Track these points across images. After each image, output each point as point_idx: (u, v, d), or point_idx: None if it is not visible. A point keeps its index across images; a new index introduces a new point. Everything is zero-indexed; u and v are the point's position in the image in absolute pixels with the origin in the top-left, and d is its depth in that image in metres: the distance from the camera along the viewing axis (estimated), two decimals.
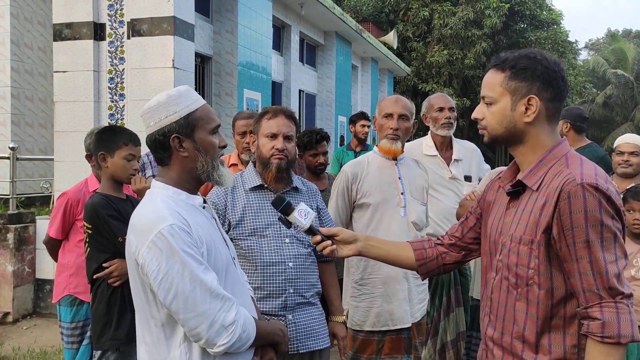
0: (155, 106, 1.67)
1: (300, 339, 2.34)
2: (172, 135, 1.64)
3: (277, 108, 2.49)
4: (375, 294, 2.81)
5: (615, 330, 1.39)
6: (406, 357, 2.86)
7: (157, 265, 1.52)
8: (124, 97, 5.82)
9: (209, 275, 1.56)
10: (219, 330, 1.54)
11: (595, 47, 44.30)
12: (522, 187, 1.59)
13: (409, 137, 2.94)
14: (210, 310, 1.53)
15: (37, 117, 8.93)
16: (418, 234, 2.85)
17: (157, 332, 1.62)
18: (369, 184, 2.86)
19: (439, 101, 3.55)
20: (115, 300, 2.62)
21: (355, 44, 14.85)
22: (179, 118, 1.65)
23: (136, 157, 2.74)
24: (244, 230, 2.35)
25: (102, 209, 2.61)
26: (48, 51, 8.72)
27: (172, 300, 1.52)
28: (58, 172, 5.93)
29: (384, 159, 2.91)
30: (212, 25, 8.79)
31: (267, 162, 2.41)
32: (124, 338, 2.58)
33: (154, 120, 1.66)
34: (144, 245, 1.54)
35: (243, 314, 1.61)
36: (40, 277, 6.04)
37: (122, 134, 2.73)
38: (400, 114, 2.83)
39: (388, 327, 2.82)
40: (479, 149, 3.72)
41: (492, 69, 1.63)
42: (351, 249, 1.89)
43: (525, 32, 22.11)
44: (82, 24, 5.84)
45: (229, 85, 8.77)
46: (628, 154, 3.55)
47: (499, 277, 1.62)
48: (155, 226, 1.53)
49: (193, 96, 1.71)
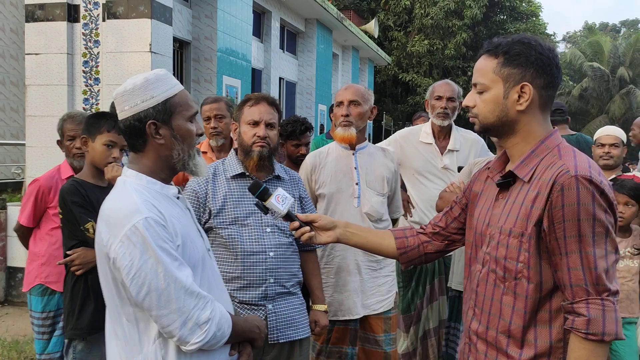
0: (131, 89, 1.58)
1: (280, 329, 2.32)
2: (148, 121, 1.56)
3: (259, 95, 2.44)
4: (328, 284, 2.84)
5: (600, 327, 1.37)
6: (350, 349, 2.90)
7: (130, 261, 1.46)
8: (99, 82, 5.67)
9: (184, 271, 1.51)
10: (193, 328, 1.50)
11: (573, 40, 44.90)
12: (512, 178, 1.54)
13: (364, 122, 2.91)
14: (184, 308, 1.48)
15: (8, 101, 8.68)
16: (372, 225, 2.83)
17: (130, 327, 1.56)
18: (325, 175, 2.88)
19: (440, 89, 3.51)
20: (79, 289, 2.56)
21: (336, 32, 14.76)
22: (157, 103, 1.57)
23: (117, 144, 2.62)
24: (225, 219, 2.31)
25: (68, 195, 2.54)
26: (20, 33, 8.47)
27: (145, 297, 1.47)
28: (30, 158, 5.78)
29: (343, 148, 2.92)
30: (191, 10, 8.62)
31: (248, 150, 2.37)
32: (85, 327, 2.52)
33: (129, 105, 1.57)
34: (117, 239, 1.47)
35: (219, 312, 1.56)
36: (11, 265, 5.91)
37: (107, 120, 2.63)
38: (350, 100, 2.85)
39: (337, 317, 2.85)
40: (483, 140, 3.64)
41: (485, 54, 1.57)
42: (330, 235, 1.85)
43: (504, 24, 22.25)
44: (55, 5, 5.67)
45: (208, 72, 8.63)
46: (609, 145, 3.56)
47: (485, 269, 1.58)
48: (129, 219, 1.47)
49: (171, 81, 1.63)
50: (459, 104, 3.55)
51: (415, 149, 3.48)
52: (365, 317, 2.90)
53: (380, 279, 2.91)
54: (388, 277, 2.95)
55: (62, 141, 3.12)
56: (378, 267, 2.90)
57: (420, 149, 3.48)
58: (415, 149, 3.47)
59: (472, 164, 3.26)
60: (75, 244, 2.57)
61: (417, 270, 3.39)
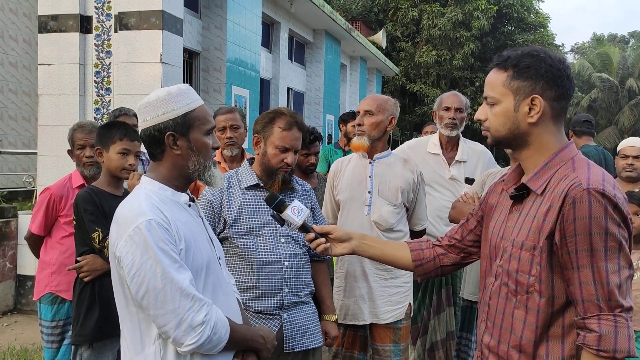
0: (154, 101, 1.66)
1: (295, 338, 2.35)
2: (167, 132, 1.64)
3: (291, 119, 2.43)
4: (339, 288, 2.92)
5: (611, 344, 1.35)
6: (361, 355, 2.96)
7: (131, 260, 1.52)
8: (110, 91, 5.73)
9: (183, 274, 1.55)
10: (187, 330, 1.53)
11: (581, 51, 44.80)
12: (526, 190, 1.54)
13: (380, 132, 2.93)
14: (179, 309, 1.52)
15: (20, 111, 8.77)
16: (381, 234, 2.85)
17: (133, 327, 1.62)
18: (342, 182, 2.98)
19: (448, 100, 3.53)
20: (85, 296, 2.60)
21: (344, 43, 14.83)
22: (176, 116, 1.65)
23: (132, 152, 2.68)
24: (240, 229, 2.35)
25: (81, 202, 2.60)
26: (33, 43, 8.58)
27: (144, 296, 1.53)
28: (41, 167, 5.83)
29: (362, 157, 2.99)
30: (201, 21, 8.70)
31: (273, 172, 2.42)
32: (89, 334, 2.55)
33: (150, 115, 1.66)
34: (122, 239, 1.54)
35: (215, 316, 1.59)
36: (21, 273, 5.93)
37: (118, 129, 2.69)
38: (365, 109, 2.90)
39: (345, 321, 2.91)
40: (490, 152, 3.66)
41: (495, 68, 1.57)
42: (345, 247, 1.86)
43: (512, 35, 22.26)
44: (68, 16, 5.74)
45: (217, 82, 8.69)
46: (632, 157, 3.52)
47: (498, 282, 1.57)
48: (134, 220, 1.54)
49: (192, 96, 1.71)
50: (467, 115, 3.56)
51: (423, 159, 3.49)
52: (375, 327, 2.91)
53: (392, 288, 2.90)
54: (401, 287, 2.93)
55: (73, 150, 3.16)
56: (389, 276, 2.89)
57: (427, 160, 3.50)
58: (422, 160, 3.48)
59: (485, 175, 3.26)
60: (86, 250, 2.62)
61: (423, 281, 3.38)
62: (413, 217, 3.05)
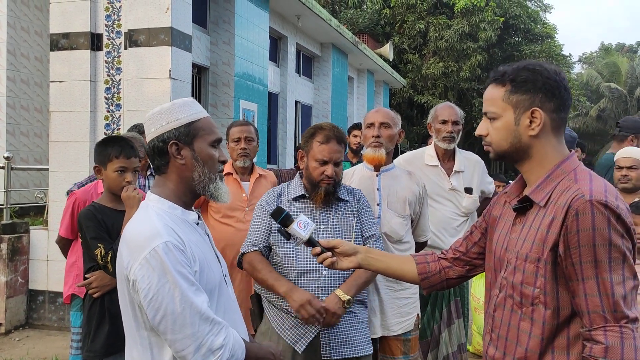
0: (158, 112, 1.66)
1: (333, 346, 2.40)
2: (170, 141, 1.62)
3: (328, 133, 2.52)
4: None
5: (618, 355, 1.35)
6: None
7: (148, 284, 1.48)
8: (121, 108, 5.80)
9: (200, 297, 1.52)
10: (206, 354, 1.50)
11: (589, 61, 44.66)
12: (529, 202, 1.55)
13: (393, 145, 2.96)
14: (198, 333, 1.49)
15: (32, 127, 8.89)
16: (392, 246, 2.86)
17: (144, 351, 1.58)
18: None
19: (444, 113, 3.56)
20: (95, 311, 2.63)
21: (351, 56, 14.90)
22: (180, 125, 1.63)
23: (129, 169, 2.69)
24: (282, 238, 2.40)
25: (83, 219, 2.63)
26: (44, 61, 8.70)
27: (161, 320, 1.49)
28: (53, 182, 5.89)
29: (368, 169, 2.99)
30: (209, 36, 8.80)
31: (315, 185, 2.52)
32: (99, 350, 2.57)
33: (155, 127, 1.65)
34: (137, 262, 1.49)
35: (232, 338, 1.57)
36: (33, 288, 5.98)
37: (113, 147, 2.70)
38: (381, 122, 2.90)
39: None
40: (483, 161, 3.70)
41: (492, 83, 1.59)
42: (351, 261, 1.88)
43: (519, 46, 22.26)
44: (79, 34, 5.84)
45: (226, 96, 8.76)
46: (626, 168, 3.48)
47: (502, 294, 1.58)
48: (150, 243, 1.49)
49: (197, 107, 1.70)
50: (462, 127, 3.59)
51: (422, 171, 3.50)
52: (385, 339, 2.90)
53: (402, 300, 2.91)
54: (409, 298, 2.94)
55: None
56: (399, 287, 2.90)
57: (426, 172, 3.51)
58: (421, 172, 3.49)
59: None
60: (93, 266, 2.66)
61: (431, 294, 3.37)
62: (417, 228, 3.07)
